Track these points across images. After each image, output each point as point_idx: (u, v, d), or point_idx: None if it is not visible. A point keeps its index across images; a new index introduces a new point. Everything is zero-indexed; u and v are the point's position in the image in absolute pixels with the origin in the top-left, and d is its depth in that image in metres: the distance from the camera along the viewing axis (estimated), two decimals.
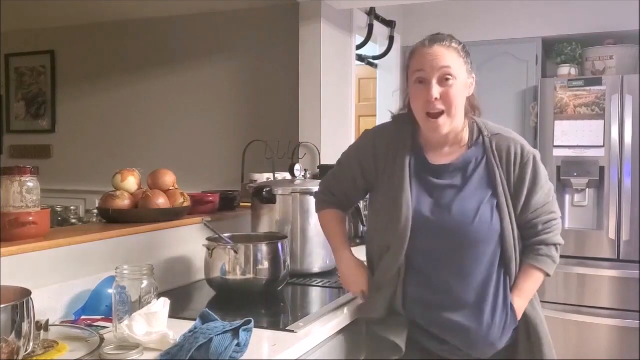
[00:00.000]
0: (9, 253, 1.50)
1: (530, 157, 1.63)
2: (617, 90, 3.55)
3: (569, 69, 3.91)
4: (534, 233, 1.64)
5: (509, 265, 1.61)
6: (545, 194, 1.64)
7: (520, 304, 1.62)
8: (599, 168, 3.58)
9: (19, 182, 1.60)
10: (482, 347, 1.60)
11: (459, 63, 1.58)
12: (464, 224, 1.56)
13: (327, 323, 1.63)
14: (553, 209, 1.67)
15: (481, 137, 1.65)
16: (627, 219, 3.53)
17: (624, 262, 3.54)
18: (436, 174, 1.63)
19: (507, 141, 1.64)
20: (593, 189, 3.65)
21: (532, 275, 1.63)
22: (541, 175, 1.64)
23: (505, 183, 1.61)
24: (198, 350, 1.26)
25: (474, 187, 1.60)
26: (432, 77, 1.55)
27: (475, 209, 1.57)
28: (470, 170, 1.62)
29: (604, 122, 3.57)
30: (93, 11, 3.81)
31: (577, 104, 3.63)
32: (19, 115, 4.38)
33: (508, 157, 1.62)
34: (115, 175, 2.09)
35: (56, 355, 1.30)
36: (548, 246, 1.65)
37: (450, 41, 1.60)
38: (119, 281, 1.46)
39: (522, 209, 1.62)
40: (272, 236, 2.05)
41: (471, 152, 1.64)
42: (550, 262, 1.65)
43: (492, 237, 1.58)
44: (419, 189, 1.62)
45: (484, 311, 1.57)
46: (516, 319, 1.61)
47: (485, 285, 1.58)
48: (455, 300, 1.58)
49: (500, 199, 1.59)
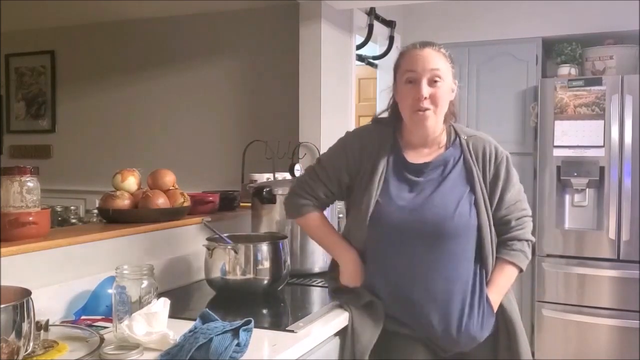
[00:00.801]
0: (9, 253, 1.50)
1: (504, 156, 1.73)
2: (617, 90, 3.55)
3: (569, 69, 3.91)
4: (507, 229, 1.72)
5: (485, 261, 1.67)
6: (517, 192, 1.73)
7: (495, 298, 1.68)
8: (599, 168, 3.58)
9: (19, 182, 1.60)
10: (464, 341, 1.65)
11: (446, 67, 1.68)
12: (445, 217, 1.63)
13: (327, 323, 1.63)
14: (524, 207, 1.76)
15: (458, 139, 1.74)
16: (627, 219, 3.53)
17: (624, 262, 3.54)
18: (415, 172, 1.71)
19: (482, 142, 1.74)
20: (593, 189, 3.65)
21: (506, 270, 1.71)
22: (513, 174, 1.74)
23: (482, 180, 1.69)
24: (198, 350, 1.26)
25: (452, 183, 1.68)
26: (422, 77, 1.64)
27: (455, 203, 1.64)
28: (449, 168, 1.70)
29: (604, 122, 3.58)
30: (93, 11, 3.81)
31: (577, 104, 3.63)
32: (19, 115, 4.38)
33: (484, 156, 1.71)
34: (115, 175, 2.09)
35: (56, 355, 1.30)
36: (521, 242, 1.72)
37: (439, 47, 1.69)
38: (119, 281, 1.46)
39: (497, 205, 1.70)
40: (272, 236, 2.05)
41: (449, 152, 1.72)
42: (523, 257, 1.72)
43: (470, 232, 1.65)
44: (399, 186, 1.69)
45: (462, 306, 1.63)
46: (493, 312, 1.67)
47: (462, 279, 1.63)
48: (432, 294, 1.63)
49: (478, 195, 1.67)
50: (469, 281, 1.64)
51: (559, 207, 3.70)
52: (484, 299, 1.66)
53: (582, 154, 3.62)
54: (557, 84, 3.69)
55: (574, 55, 3.95)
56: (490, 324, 1.67)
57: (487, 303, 1.66)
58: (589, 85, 3.62)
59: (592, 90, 3.60)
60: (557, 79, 3.78)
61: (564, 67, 3.92)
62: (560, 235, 3.69)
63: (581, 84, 3.64)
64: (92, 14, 3.87)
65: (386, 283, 1.68)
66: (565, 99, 3.65)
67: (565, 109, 3.66)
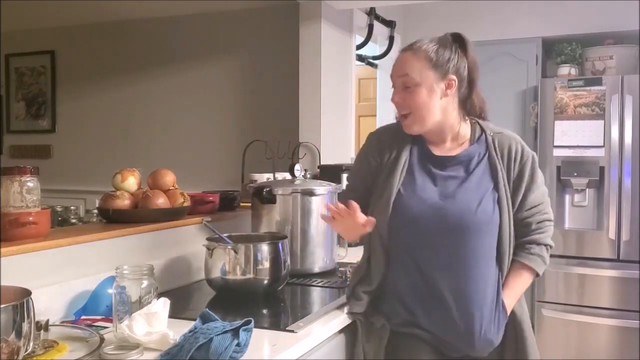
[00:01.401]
0: (9, 253, 1.50)
1: (530, 156, 1.69)
2: (617, 90, 3.55)
3: (569, 69, 3.90)
4: (527, 232, 1.68)
5: (502, 261, 1.64)
6: (541, 194, 1.69)
7: (510, 302, 1.65)
8: (599, 168, 3.58)
9: (19, 182, 1.60)
10: (482, 344, 1.61)
11: (422, 68, 1.61)
12: (468, 212, 1.60)
13: (327, 323, 1.63)
14: (547, 210, 1.71)
15: (484, 135, 1.71)
16: (627, 219, 3.53)
17: (624, 262, 3.54)
18: (439, 165, 1.68)
19: (508, 139, 1.70)
20: (593, 189, 3.64)
21: (522, 273, 1.67)
22: (538, 175, 1.69)
23: (506, 179, 1.66)
24: (198, 350, 1.26)
25: (477, 179, 1.65)
26: (395, 84, 1.66)
27: (478, 199, 1.61)
28: (474, 164, 1.67)
29: (604, 122, 3.57)
30: (93, 11, 3.81)
31: (577, 104, 3.63)
32: (19, 115, 4.38)
33: (509, 154, 1.68)
34: (115, 175, 2.09)
35: (56, 355, 1.30)
36: (539, 246, 1.68)
37: (427, 43, 1.63)
38: (119, 281, 1.46)
39: (518, 206, 1.66)
40: (272, 236, 2.05)
41: (474, 148, 1.69)
42: (541, 262, 1.68)
43: (492, 229, 1.62)
44: (423, 178, 1.67)
45: (483, 307, 1.59)
46: (507, 316, 1.64)
47: (485, 280, 1.60)
48: (454, 291, 1.59)
49: (501, 193, 1.64)
50: (490, 282, 1.61)
51: (559, 207, 3.70)
52: (500, 301, 1.62)
53: (582, 154, 3.62)
54: (557, 84, 3.69)
55: (574, 55, 3.95)
56: (502, 328, 1.64)
57: (502, 306, 1.62)
58: (589, 85, 3.61)
59: (592, 90, 3.60)
60: (557, 79, 3.78)
61: (564, 67, 3.92)
62: (560, 235, 3.68)
63: (581, 84, 3.63)
64: (92, 14, 3.87)
65: (407, 275, 1.63)
66: (565, 99, 3.65)
67: (565, 109, 3.66)
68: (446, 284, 1.59)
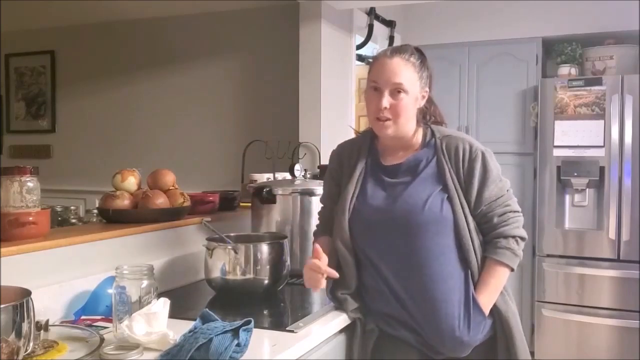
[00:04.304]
0: (9, 253, 1.50)
1: (479, 153, 1.70)
2: (617, 90, 3.55)
3: (569, 69, 3.91)
4: (491, 227, 1.69)
5: (467, 259, 1.65)
6: (498, 188, 1.70)
7: (485, 299, 1.65)
8: (599, 168, 3.58)
9: (19, 182, 1.60)
10: (451, 344, 1.63)
11: (412, 78, 1.68)
12: (414, 212, 1.64)
13: (327, 323, 1.63)
14: (509, 203, 1.72)
15: (433, 139, 1.75)
16: (627, 219, 3.53)
17: (624, 262, 3.54)
18: (390, 173, 1.74)
19: (455, 140, 1.73)
20: (593, 189, 3.65)
21: (493, 269, 1.67)
22: (492, 170, 1.70)
23: (455, 178, 1.69)
24: (198, 350, 1.26)
25: (423, 181, 1.69)
26: (384, 89, 1.66)
27: (424, 199, 1.65)
28: (421, 168, 1.72)
29: (604, 122, 3.58)
30: (93, 11, 3.81)
31: (577, 104, 3.63)
32: (19, 115, 4.38)
33: (456, 154, 1.70)
34: (115, 175, 2.09)
35: (56, 355, 1.30)
36: (506, 238, 1.68)
37: (410, 54, 1.69)
38: (119, 281, 1.46)
39: (475, 202, 1.68)
40: (272, 236, 2.05)
41: (422, 153, 1.74)
42: (510, 255, 1.67)
43: (444, 228, 1.64)
44: (374, 187, 1.74)
45: (449, 307, 1.61)
46: (483, 314, 1.64)
47: (441, 278, 1.62)
48: (416, 292, 1.63)
49: (451, 193, 1.67)
50: (455, 281, 1.63)
51: (559, 207, 3.70)
52: (470, 300, 1.63)
53: (582, 154, 3.62)
54: (557, 84, 3.69)
55: (574, 55, 3.95)
56: (482, 327, 1.64)
57: (475, 305, 1.63)
58: (589, 85, 3.62)
59: (592, 90, 3.60)
60: (557, 79, 3.78)
61: (564, 67, 3.92)
62: (561, 235, 3.69)
63: (581, 84, 3.64)
64: (92, 14, 3.88)
65: (372, 279, 1.70)
66: (566, 99, 3.66)
67: (565, 109, 3.66)
68: (404, 285, 1.64)
